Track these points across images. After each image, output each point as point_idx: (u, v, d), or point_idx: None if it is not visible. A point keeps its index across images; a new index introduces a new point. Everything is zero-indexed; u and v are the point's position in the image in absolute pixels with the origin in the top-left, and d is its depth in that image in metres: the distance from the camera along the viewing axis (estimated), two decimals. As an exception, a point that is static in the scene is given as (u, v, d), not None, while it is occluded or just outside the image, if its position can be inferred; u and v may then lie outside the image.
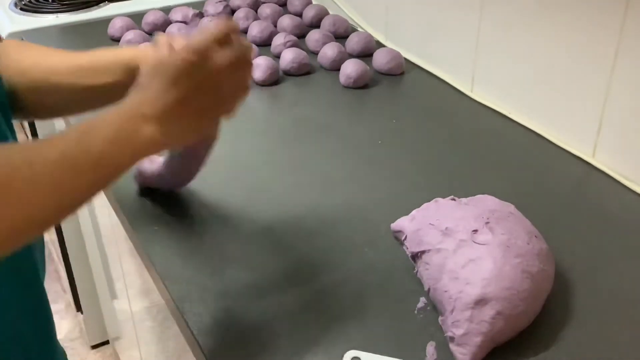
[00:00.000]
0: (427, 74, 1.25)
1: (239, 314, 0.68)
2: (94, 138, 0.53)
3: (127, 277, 1.25)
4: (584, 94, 0.94)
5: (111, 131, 0.54)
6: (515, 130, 1.05)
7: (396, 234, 0.77)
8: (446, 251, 0.65)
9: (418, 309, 0.68)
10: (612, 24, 0.87)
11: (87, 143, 0.53)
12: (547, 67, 1.00)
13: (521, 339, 0.63)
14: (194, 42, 0.57)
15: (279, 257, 0.76)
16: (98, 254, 1.54)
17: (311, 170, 0.94)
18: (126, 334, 1.52)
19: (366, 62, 1.22)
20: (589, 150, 0.96)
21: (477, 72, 1.15)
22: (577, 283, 0.71)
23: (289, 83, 1.22)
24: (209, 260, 0.76)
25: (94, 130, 0.54)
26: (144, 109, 0.56)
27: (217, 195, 0.88)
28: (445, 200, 0.73)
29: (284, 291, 0.71)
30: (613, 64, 0.89)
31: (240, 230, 0.81)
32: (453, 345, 0.62)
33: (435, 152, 0.97)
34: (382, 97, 1.07)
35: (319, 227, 0.81)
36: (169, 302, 0.73)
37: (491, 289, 0.60)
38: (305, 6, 1.50)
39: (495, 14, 1.08)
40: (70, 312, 2.08)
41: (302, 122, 1.08)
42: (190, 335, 0.67)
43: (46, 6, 1.63)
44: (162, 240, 0.80)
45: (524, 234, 0.65)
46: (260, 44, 1.35)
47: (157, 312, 1.05)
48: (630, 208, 0.86)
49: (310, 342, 0.64)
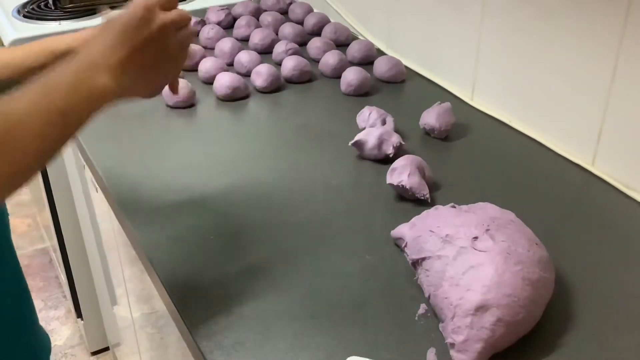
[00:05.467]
0: (427, 82, 1.26)
1: (240, 320, 0.68)
2: (57, 91, 0.57)
3: (127, 283, 1.25)
4: (584, 102, 0.95)
5: (71, 83, 0.58)
6: (515, 138, 1.06)
7: (397, 240, 0.78)
8: (446, 258, 0.65)
9: (418, 315, 0.68)
10: (612, 32, 0.87)
11: (52, 95, 0.57)
12: (547, 75, 1.00)
13: (521, 346, 0.63)
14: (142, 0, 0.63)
15: (281, 263, 0.76)
16: (99, 260, 1.54)
17: (312, 177, 0.94)
18: (126, 340, 1.52)
19: (367, 69, 1.23)
20: (588, 158, 0.96)
21: (478, 80, 1.15)
22: (577, 290, 0.72)
23: (290, 90, 1.23)
24: (209, 266, 0.76)
25: (55, 83, 0.58)
26: (97, 59, 0.60)
27: (218, 201, 0.89)
28: (446, 208, 0.74)
29: (286, 297, 0.71)
30: (613, 72, 0.89)
31: (241, 236, 0.81)
32: (453, 352, 0.62)
33: (436, 160, 0.97)
34: (383, 105, 1.08)
35: (320, 233, 0.82)
36: (170, 308, 0.73)
37: (492, 296, 0.61)
38: (306, 14, 1.51)
39: (495, 23, 1.08)
40: (71, 318, 2.08)
41: (303, 129, 1.08)
42: (191, 341, 0.67)
43: (49, 13, 1.64)
44: (162, 246, 0.80)
45: (525, 242, 0.66)
46: (261, 52, 1.36)
47: (157, 318, 1.06)
48: (629, 216, 0.86)
49: (311, 348, 0.64)
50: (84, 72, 0.59)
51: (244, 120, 1.13)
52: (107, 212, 1.12)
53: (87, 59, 0.60)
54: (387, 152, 0.96)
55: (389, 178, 0.87)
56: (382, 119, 1.03)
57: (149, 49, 0.63)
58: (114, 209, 0.93)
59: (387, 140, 0.96)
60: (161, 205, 0.88)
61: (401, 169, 0.87)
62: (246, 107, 1.17)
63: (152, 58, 0.63)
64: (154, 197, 0.90)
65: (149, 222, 0.84)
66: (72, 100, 0.58)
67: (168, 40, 0.64)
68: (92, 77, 0.59)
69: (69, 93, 0.58)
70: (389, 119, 1.04)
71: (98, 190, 1.12)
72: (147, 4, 0.63)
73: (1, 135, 0.53)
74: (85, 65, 0.60)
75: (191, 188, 0.92)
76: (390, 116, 1.04)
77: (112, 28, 0.62)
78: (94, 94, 0.59)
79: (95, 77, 0.59)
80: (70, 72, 0.59)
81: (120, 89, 0.61)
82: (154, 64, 0.64)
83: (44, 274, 2.29)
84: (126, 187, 0.93)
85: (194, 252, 0.79)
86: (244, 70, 1.27)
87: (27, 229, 2.50)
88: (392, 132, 0.98)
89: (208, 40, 1.41)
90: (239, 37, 1.45)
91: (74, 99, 0.58)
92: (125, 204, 0.88)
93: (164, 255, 0.78)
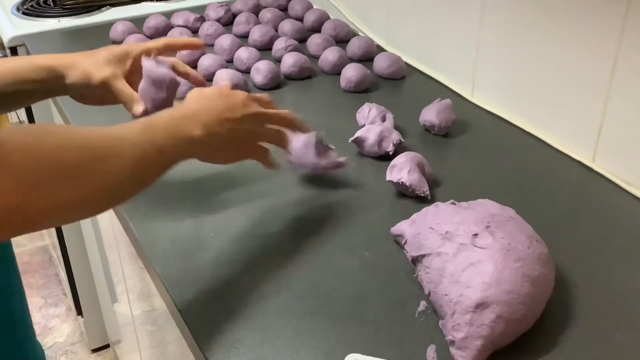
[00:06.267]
0: (427, 78, 1.26)
1: (240, 318, 0.68)
2: (158, 130, 0.65)
3: (127, 280, 1.25)
4: (584, 98, 0.95)
5: (170, 126, 0.66)
6: (515, 135, 1.05)
7: (396, 237, 0.78)
8: (446, 255, 0.65)
9: (418, 312, 0.68)
10: (611, 28, 0.87)
11: (152, 133, 0.64)
12: (547, 71, 1.00)
13: (521, 343, 0.63)
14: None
15: (280, 260, 0.76)
16: (99, 257, 1.54)
17: (311, 174, 0.94)
18: (127, 337, 1.52)
19: (367, 66, 1.23)
20: (589, 154, 0.96)
21: (478, 77, 1.15)
22: (577, 287, 0.72)
23: (289, 87, 1.23)
24: (210, 263, 0.76)
25: (156, 123, 0.66)
26: (198, 112, 0.69)
27: (218, 199, 0.89)
28: (446, 205, 0.73)
29: (285, 294, 0.71)
30: (613, 68, 0.89)
31: (241, 234, 0.81)
32: (453, 349, 0.62)
33: (436, 156, 0.97)
34: (383, 102, 1.08)
35: (319, 230, 0.82)
36: (170, 305, 0.73)
37: (491, 293, 0.60)
38: (306, 10, 1.51)
39: (495, 19, 1.08)
40: (71, 316, 2.08)
41: (303, 126, 1.08)
42: (191, 338, 0.67)
43: (48, 10, 1.63)
44: (163, 243, 0.80)
45: (525, 238, 0.66)
46: (261, 48, 1.35)
47: (157, 316, 1.06)
48: (630, 212, 0.86)
49: (310, 346, 0.64)
50: (183, 119, 0.68)
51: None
52: (107, 209, 1.12)
53: (188, 111, 0.69)
54: (387, 149, 0.96)
55: (389, 175, 0.87)
56: (382, 115, 1.03)
57: (239, 124, 0.72)
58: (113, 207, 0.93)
59: (387, 138, 0.96)
60: (160, 202, 0.88)
61: (401, 165, 0.86)
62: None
63: (239, 133, 0.73)
64: (153, 193, 0.90)
65: (149, 220, 0.84)
66: (168, 142, 0.65)
67: (259, 128, 0.76)
68: (189, 125, 0.67)
69: (168, 134, 0.65)
70: (389, 116, 1.03)
71: (97, 187, 1.11)
72: (248, 95, 0.76)
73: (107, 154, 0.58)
74: (186, 113, 0.69)
75: (191, 184, 0.92)
76: (390, 113, 1.04)
77: (211, 96, 0.73)
78: (188, 141, 0.67)
79: (192, 127, 0.68)
80: (171, 118, 0.67)
81: (207, 145, 0.70)
82: (238, 138, 0.73)
83: (44, 272, 2.29)
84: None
85: (194, 249, 0.79)
86: (243, 66, 1.27)
87: (28, 226, 2.49)
88: (392, 129, 0.98)
89: (207, 37, 1.41)
90: (239, 33, 1.44)
91: (171, 140, 0.65)
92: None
93: (164, 253, 0.78)
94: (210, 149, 0.71)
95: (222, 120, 0.70)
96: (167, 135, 0.65)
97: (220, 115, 0.71)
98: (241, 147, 0.75)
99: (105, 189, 0.57)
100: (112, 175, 0.58)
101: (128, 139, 0.61)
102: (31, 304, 2.14)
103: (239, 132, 0.73)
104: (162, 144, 0.64)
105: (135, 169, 0.61)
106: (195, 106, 0.70)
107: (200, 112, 0.69)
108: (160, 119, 0.67)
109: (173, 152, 0.66)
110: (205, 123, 0.69)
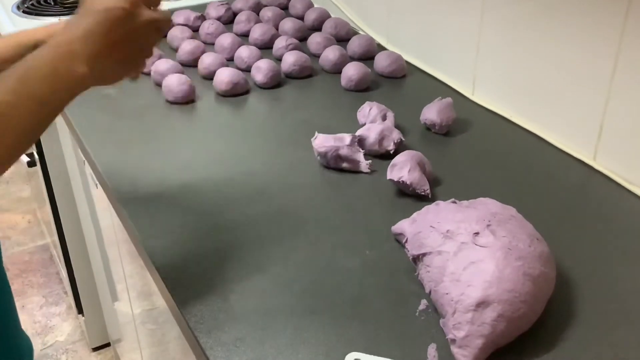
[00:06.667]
0: (428, 77, 1.26)
1: (240, 316, 0.68)
2: (36, 80, 0.58)
3: (128, 279, 1.25)
4: (585, 97, 0.95)
5: (49, 72, 0.59)
6: (516, 133, 1.05)
7: (397, 236, 0.77)
8: (447, 254, 0.65)
9: (419, 311, 0.68)
10: (612, 27, 0.87)
11: (31, 85, 0.58)
12: (548, 70, 1.00)
13: (522, 342, 0.63)
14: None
15: (281, 259, 0.76)
16: (99, 256, 1.54)
17: (312, 172, 0.94)
18: (127, 336, 1.52)
19: (368, 65, 1.23)
20: (590, 153, 0.96)
21: (479, 75, 1.15)
22: (578, 285, 0.72)
23: (290, 86, 1.23)
24: (210, 262, 0.76)
25: (34, 72, 0.59)
26: (76, 48, 0.60)
27: (218, 197, 0.89)
28: (446, 203, 0.73)
29: (286, 292, 0.71)
30: (614, 67, 0.89)
31: (241, 232, 0.81)
32: (454, 348, 0.62)
33: (437, 155, 0.97)
34: (384, 100, 1.08)
35: (320, 229, 0.82)
36: (170, 304, 0.73)
37: (492, 292, 0.60)
38: (306, 9, 1.51)
39: (496, 18, 1.08)
40: (72, 315, 2.08)
41: (304, 124, 1.08)
42: (191, 337, 0.67)
43: (49, 9, 1.63)
44: (163, 242, 0.80)
45: (526, 237, 0.66)
46: (261, 47, 1.35)
47: (158, 314, 1.06)
48: (631, 211, 0.86)
49: (311, 344, 0.64)
50: (62, 61, 0.60)
51: (244, 116, 1.13)
52: (107, 208, 1.12)
53: (66, 47, 0.60)
54: (388, 147, 0.96)
55: (390, 174, 0.87)
56: (383, 114, 1.03)
57: (129, 44, 0.63)
58: (113, 205, 0.93)
59: (388, 136, 0.96)
60: (161, 201, 0.88)
61: (402, 164, 0.86)
62: (246, 102, 1.17)
63: (129, 52, 0.64)
64: (154, 192, 0.90)
65: (149, 218, 0.84)
66: (50, 89, 0.59)
67: (147, 38, 0.65)
68: (70, 66, 0.60)
69: (48, 82, 0.59)
70: (390, 115, 1.03)
71: (98, 186, 1.12)
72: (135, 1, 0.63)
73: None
74: (65, 53, 0.60)
75: (192, 184, 0.92)
76: (391, 112, 1.04)
77: (93, 14, 0.61)
78: (71, 82, 0.60)
79: (74, 66, 0.60)
80: (49, 61, 0.59)
81: (95, 79, 0.62)
82: (129, 58, 0.65)
83: (44, 270, 2.29)
84: (126, 183, 0.92)
85: (195, 248, 0.79)
86: (244, 65, 1.27)
87: (28, 225, 2.50)
88: (393, 128, 0.98)
89: (208, 36, 1.41)
90: (239, 32, 1.44)
91: (53, 87, 0.59)
92: (125, 200, 0.88)
93: (165, 251, 0.78)
94: (98, 80, 0.63)
95: (107, 45, 0.61)
96: (46, 85, 0.59)
97: (105, 38, 0.61)
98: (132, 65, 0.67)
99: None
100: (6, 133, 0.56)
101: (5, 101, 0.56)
102: (32, 303, 2.15)
103: (127, 52, 0.64)
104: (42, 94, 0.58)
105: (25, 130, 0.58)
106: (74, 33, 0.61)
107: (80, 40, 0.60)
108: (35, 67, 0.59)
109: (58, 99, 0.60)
110: (88, 55, 0.60)
